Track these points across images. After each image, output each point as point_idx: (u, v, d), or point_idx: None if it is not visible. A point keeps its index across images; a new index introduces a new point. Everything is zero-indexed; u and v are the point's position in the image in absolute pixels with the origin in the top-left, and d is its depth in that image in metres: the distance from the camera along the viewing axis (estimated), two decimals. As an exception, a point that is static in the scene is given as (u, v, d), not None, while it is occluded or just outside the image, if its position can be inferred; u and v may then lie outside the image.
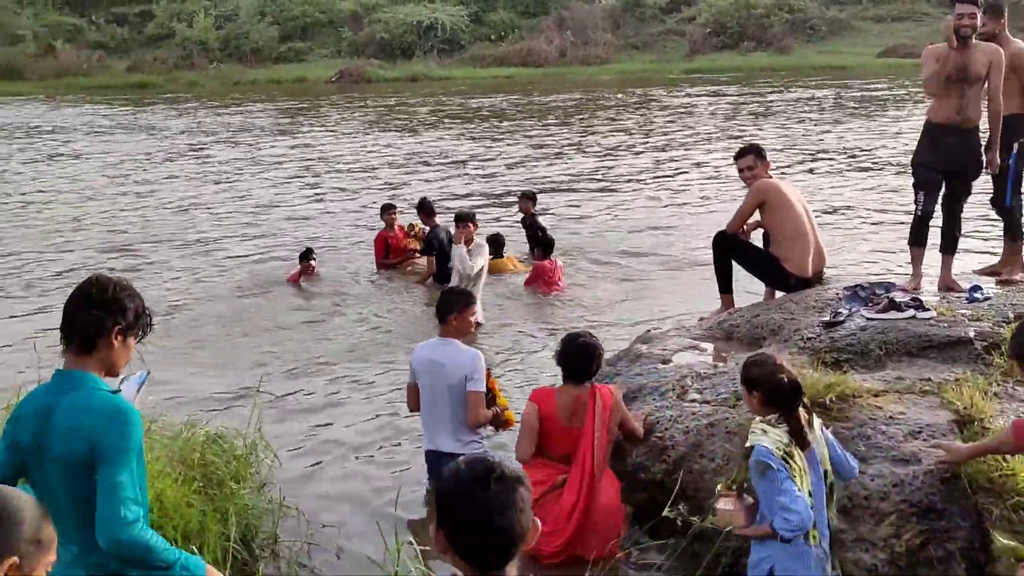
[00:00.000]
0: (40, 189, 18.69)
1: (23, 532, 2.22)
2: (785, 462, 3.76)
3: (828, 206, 14.01)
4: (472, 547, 2.16)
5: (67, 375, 3.09)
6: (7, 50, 50.10)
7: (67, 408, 3.01)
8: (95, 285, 3.13)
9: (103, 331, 3.08)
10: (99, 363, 3.11)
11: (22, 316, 10.17)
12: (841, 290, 6.58)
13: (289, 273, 11.42)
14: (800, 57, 44.62)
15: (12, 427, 3.12)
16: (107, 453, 2.95)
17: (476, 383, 5.63)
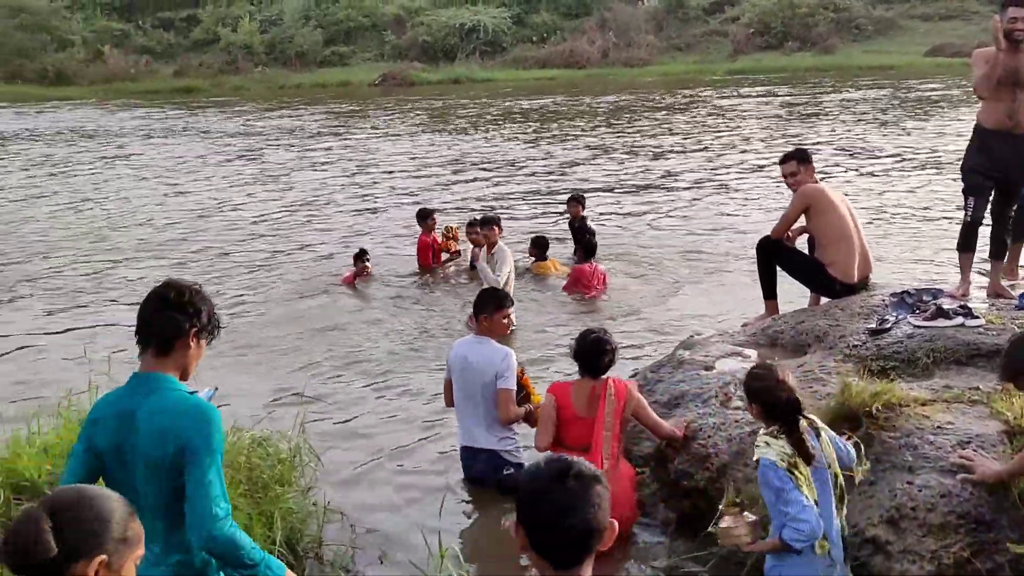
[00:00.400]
0: (96, 191, 18.94)
1: (112, 530, 2.25)
2: (790, 473, 3.79)
3: (876, 209, 13.83)
4: (549, 544, 2.21)
5: (146, 377, 3.17)
6: (57, 56, 50.94)
7: (151, 410, 3.09)
8: (172, 288, 3.22)
9: (181, 333, 3.17)
10: (175, 365, 3.20)
11: (77, 319, 10.35)
12: (888, 296, 6.51)
13: (343, 275, 11.52)
14: (845, 57, 44.07)
15: (90, 430, 3.19)
16: (196, 454, 3.04)
17: (506, 380, 5.82)
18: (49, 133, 29.92)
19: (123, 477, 3.11)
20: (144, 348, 3.21)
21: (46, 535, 2.13)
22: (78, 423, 5.68)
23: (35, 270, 12.61)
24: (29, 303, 11.03)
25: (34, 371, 8.67)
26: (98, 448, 3.15)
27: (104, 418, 3.17)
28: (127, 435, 3.10)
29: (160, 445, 3.05)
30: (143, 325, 3.21)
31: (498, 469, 5.94)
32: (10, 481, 5.22)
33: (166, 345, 3.18)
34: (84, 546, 2.19)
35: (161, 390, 3.13)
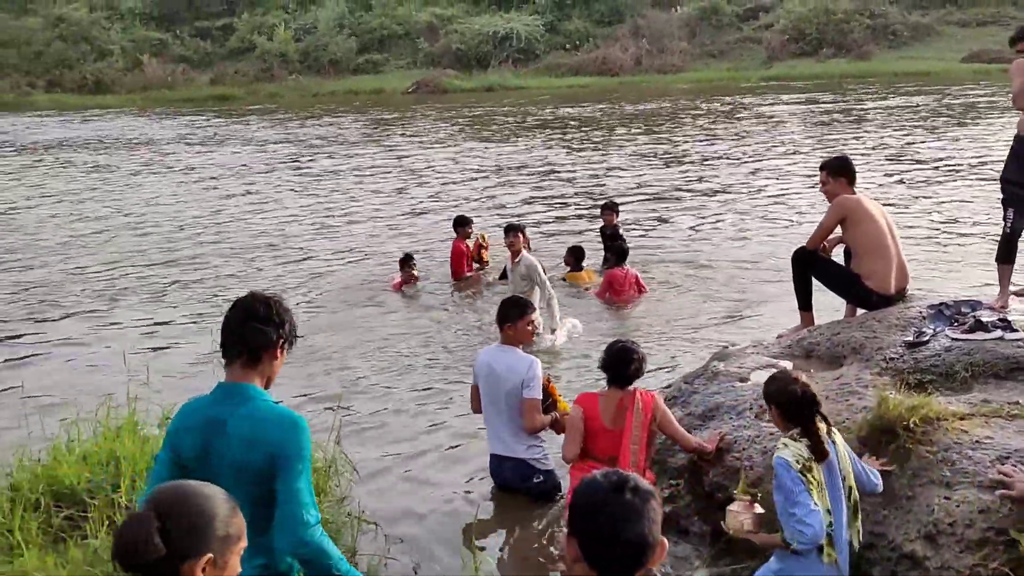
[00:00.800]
0: (143, 199, 19.22)
1: (216, 528, 2.29)
2: (803, 475, 3.85)
3: (915, 218, 13.73)
4: (604, 556, 2.25)
5: (234, 388, 3.25)
6: (96, 65, 51.62)
7: (242, 419, 3.18)
8: (259, 301, 3.32)
9: (269, 344, 3.27)
10: (261, 374, 3.30)
11: (118, 325, 10.49)
12: (925, 308, 6.44)
13: (392, 281, 11.67)
14: (881, 63, 43.72)
15: (175, 438, 3.27)
16: (288, 462, 3.12)
17: (532, 390, 5.89)
18: (94, 141, 30.33)
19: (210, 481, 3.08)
20: (232, 359, 3.29)
21: (155, 536, 2.19)
22: (116, 431, 5.78)
23: (81, 277, 12.81)
24: (73, 309, 11.20)
25: (74, 378, 8.79)
26: (184, 455, 3.23)
27: (191, 427, 3.25)
28: (216, 442, 3.18)
29: (251, 452, 3.13)
30: (231, 337, 3.29)
31: (527, 477, 6.01)
32: (51, 488, 5.30)
33: (255, 356, 3.27)
34: (192, 546, 2.25)
35: (251, 400, 3.22)
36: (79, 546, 4.79)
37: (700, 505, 5.31)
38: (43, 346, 9.84)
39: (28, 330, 10.45)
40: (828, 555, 3.88)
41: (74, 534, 4.99)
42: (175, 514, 2.24)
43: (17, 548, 4.73)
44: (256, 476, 3.14)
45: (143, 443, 5.73)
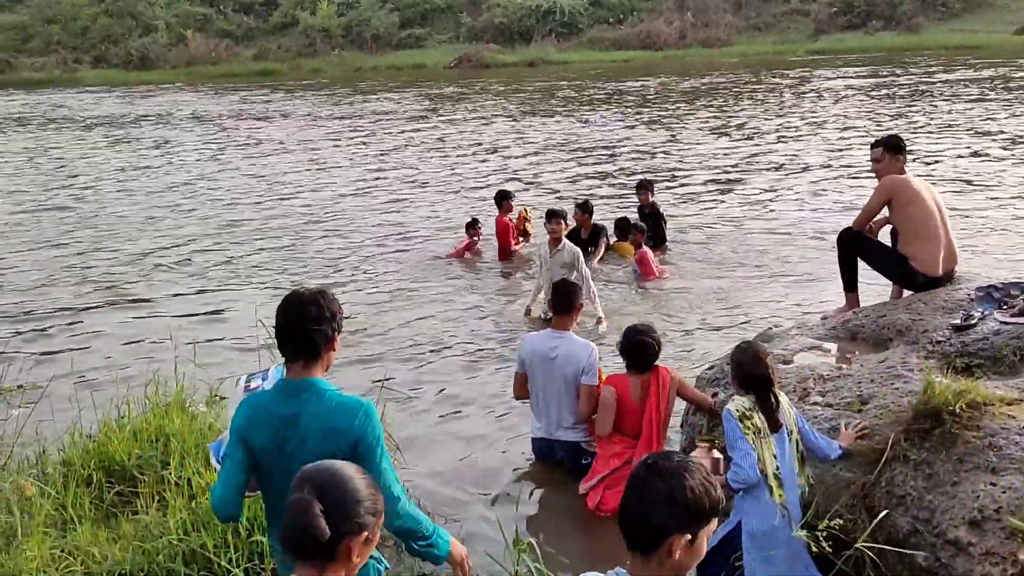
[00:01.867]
0: (207, 175, 19.44)
1: (365, 507, 2.39)
2: (741, 423, 4.37)
3: (965, 198, 13.51)
4: None
5: (300, 384, 3.35)
6: (141, 40, 52.10)
7: (314, 414, 3.30)
8: (310, 303, 3.38)
9: (327, 341, 3.38)
10: (323, 367, 3.42)
11: (170, 302, 10.67)
12: (973, 290, 6.34)
13: (457, 246, 11.99)
14: (931, 36, 42.91)
15: (245, 434, 3.38)
16: (368, 448, 3.28)
17: (590, 376, 6.00)
18: (153, 116, 30.64)
19: (282, 475, 3.24)
20: (293, 358, 3.37)
21: (319, 519, 2.29)
22: (164, 408, 5.88)
23: (136, 254, 13.00)
24: (125, 286, 11.40)
25: (123, 355, 8.95)
26: (255, 449, 3.36)
27: (262, 422, 3.35)
28: (291, 437, 3.30)
29: (330, 443, 3.24)
30: (289, 340, 3.37)
31: (577, 459, 6.14)
32: (102, 464, 5.41)
33: (315, 353, 3.37)
34: (350, 524, 2.37)
35: (321, 394, 3.33)
36: (130, 521, 4.88)
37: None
38: (94, 323, 10.02)
39: (80, 306, 10.63)
40: (778, 495, 4.34)
41: (125, 509, 5.10)
42: (332, 496, 2.33)
43: (71, 523, 4.84)
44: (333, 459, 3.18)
45: (191, 420, 5.83)
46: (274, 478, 3.35)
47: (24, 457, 5.65)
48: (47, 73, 48.52)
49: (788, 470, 4.44)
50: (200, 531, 4.60)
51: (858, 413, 5.09)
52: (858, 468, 4.77)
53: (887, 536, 4.41)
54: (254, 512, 4.67)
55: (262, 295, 10.59)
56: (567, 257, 9.13)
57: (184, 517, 4.66)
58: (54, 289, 11.31)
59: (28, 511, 4.90)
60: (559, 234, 9.28)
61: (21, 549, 4.51)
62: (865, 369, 5.61)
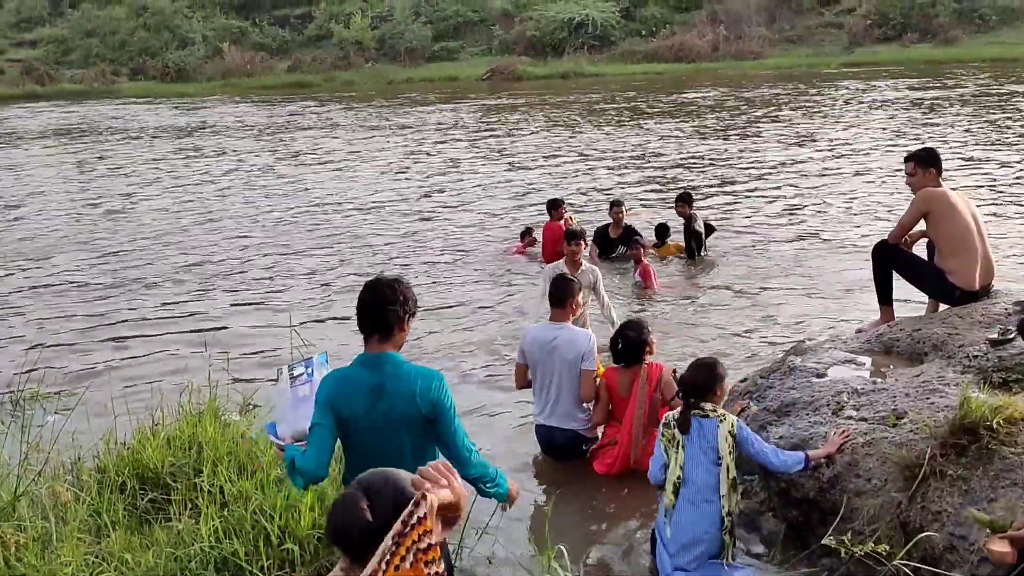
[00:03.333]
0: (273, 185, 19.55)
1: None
2: (663, 430, 4.96)
3: (1004, 212, 13.35)
4: None
5: (380, 357, 3.91)
6: (177, 53, 52.74)
7: (397, 380, 3.87)
8: (387, 286, 3.96)
9: (399, 320, 3.93)
10: (395, 344, 3.96)
11: (206, 311, 10.76)
12: (1011, 305, 6.27)
13: (511, 250, 12.67)
14: (968, 49, 42.47)
15: (334, 405, 3.88)
16: (444, 408, 3.87)
17: (590, 362, 6.35)
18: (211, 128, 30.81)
19: (368, 439, 3.88)
20: (370, 335, 3.94)
21: (365, 512, 2.36)
22: (198, 417, 5.93)
23: (179, 264, 13.14)
24: (160, 295, 11.51)
25: (158, 363, 9.04)
26: (343, 418, 3.89)
27: (350, 393, 3.89)
28: (378, 403, 3.85)
29: (412, 406, 3.83)
30: (367, 318, 3.94)
31: (576, 446, 6.49)
32: (136, 471, 5.46)
33: (389, 332, 3.92)
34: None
35: (399, 365, 3.91)
36: (163, 528, 4.92)
37: (774, 502, 5.27)
38: (131, 332, 10.13)
39: (118, 314, 10.75)
40: (668, 499, 4.83)
41: (158, 516, 5.14)
42: (379, 492, 2.42)
43: (105, 529, 4.89)
44: (419, 425, 3.85)
45: (224, 428, 5.87)
46: (363, 439, 3.90)
47: (60, 463, 5.71)
48: (86, 85, 49.17)
49: (696, 486, 4.79)
50: (232, 539, 4.63)
51: (893, 428, 5.04)
52: (894, 484, 4.72)
53: (923, 553, 4.36)
54: (285, 521, 4.69)
55: (297, 303, 10.68)
56: (590, 279, 8.57)
57: (216, 525, 4.69)
58: (92, 297, 11.44)
59: (63, 517, 4.95)
60: (579, 256, 8.67)
61: (56, 554, 4.56)
62: (900, 383, 5.56)
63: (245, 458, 5.56)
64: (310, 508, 4.75)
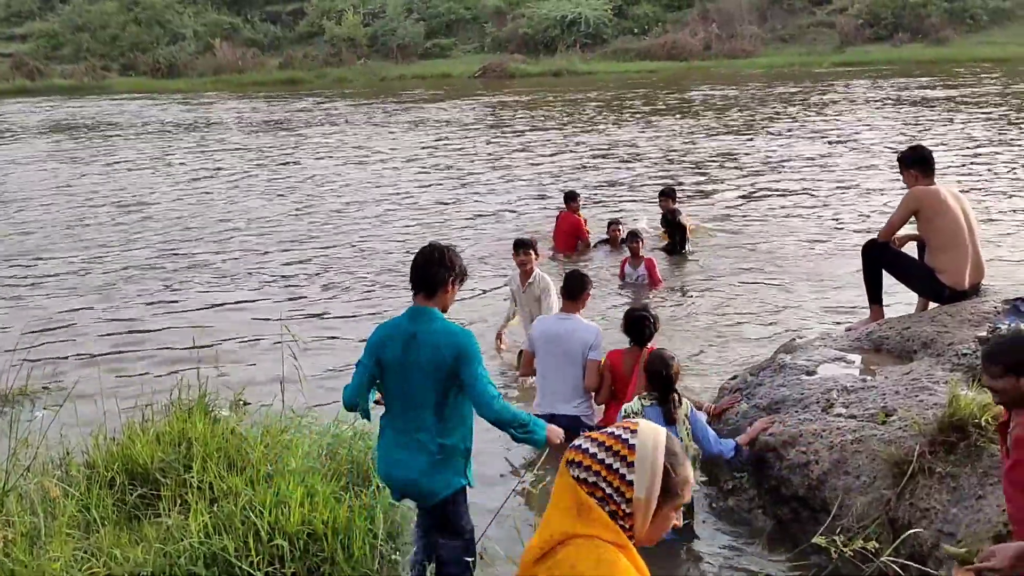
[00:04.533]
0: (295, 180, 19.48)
1: (683, 474, 2.31)
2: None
3: (994, 211, 13.38)
4: None
5: (422, 310, 4.37)
6: (169, 48, 52.56)
7: (429, 332, 4.30)
8: (436, 249, 4.41)
9: (443, 282, 4.36)
10: (439, 303, 4.39)
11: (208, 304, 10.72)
12: (1000, 303, 6.30)
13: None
14: (959, 49, 42.55)
15: (377, 348, 4.41)
16: (468, 357, 4.25)
17: (597, 353, 6.62)
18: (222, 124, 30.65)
19: (402, 382, 4.34)
20: (417, 291, 4.39)
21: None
22: (187, 413, 5.91)
23: (170, 257, 13.12)
24: (151, 291, 11.47)
25: (148, 359, 9.02)
26: (383, 360, 4.37)
27: (392, 337, 4.39)
28: (410, 350, 4.29)
29: (439, 354, 4.24)
30: (416, 276, 4.39)
31: (576, 431, 6.30)
32: (125, 467, 5.44)
33: (433, 290, 4.36)
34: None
35: (434, 319, 4.33)
36: (152, 524, 4.91)
37: (763, 499, 5.28)
38: (120, 327, 10.10)
39: (107, 310, 10.72)
40: None
41: (147, 512, 5.12)
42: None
43: (94, 524, 4.87)
44: (444, 371, 4.22)
45: (213, 424, 5.85)
46: (398, 380, 4.34)
47: (49, 459, 5.69)
48: (76, 80, 48.95)
49: None
50: (221, 534, 4.62)
51: (882, 425, 5.05)
52: (883, 481, 4.74)
53: (911, 550, 4.37)
54: (275, 517, 4.69)
55: (289, 300, 10.68)
56: (536, 291, 8.34)
57: (206, 520, 4.68)
58: (81, 292, 11.41)
59: (52, 512, 4.93)
60: (529, 266, 8.39)
61: (45, 550, 4.54)
62: (890, 381, 5.58)
63: (235, 454, 5.54)
64: (300, 504, 4.74)
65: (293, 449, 5.57)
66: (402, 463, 4.34)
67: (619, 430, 2.27)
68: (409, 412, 4.32)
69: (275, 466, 5.32)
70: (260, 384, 7.56)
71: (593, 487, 2.22)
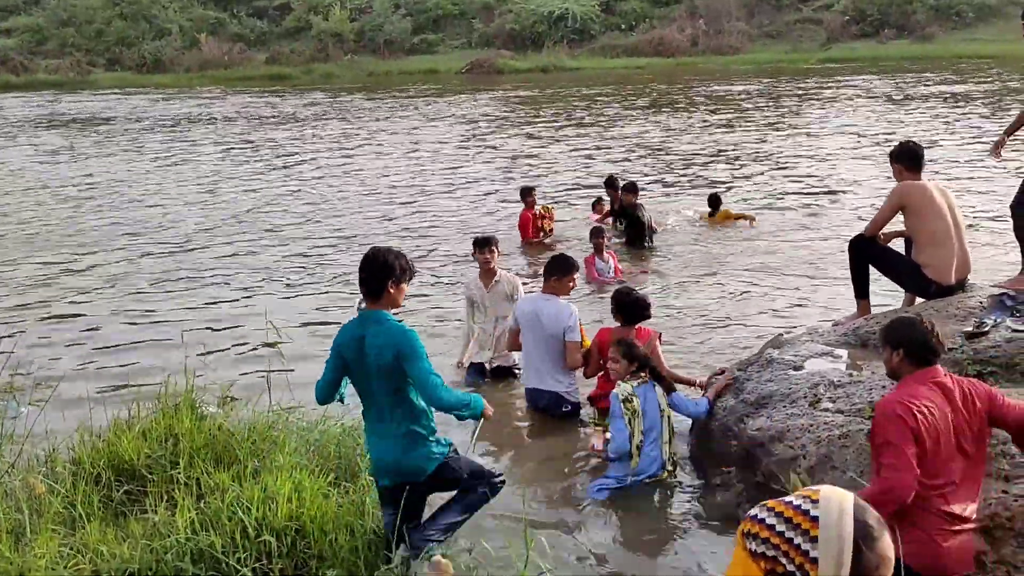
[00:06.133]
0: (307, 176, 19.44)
1: (879, 551, 2.01)
2: (623, 405, 5.70)
3: (981, 206, 13.43)
4: None
5: (369, 314, 4.72)
6: (154, 43, 52.31)
7: (374, 334, 4.64)
8: (378, 254, 4.69)
9: (385, 285, 4.67)
10: (384, 304, 4.72)
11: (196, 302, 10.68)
12: (986, 298, 6.33)
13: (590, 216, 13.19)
14: (944, 46, 42.73)
15: (339, 349, 4.78)
16: (409, 355, 4.58)
17: (573, 334, 6.93)
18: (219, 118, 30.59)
19: (362, 380, 4.75)
20: (365, 296, 4.73)
21: None
22: (174, 409, 5.89)
23: (155, 254, 13.05)
24: (141, 288, 11.43)
25: (135, 356, 8.97)
26: (345, 360, 4.76)
27: (348, 340, 4.74)
28: (362, 352, 4.67)
29: (383, 354, 4.60)
30: (362, 282, 4.71)
31: (558, 406, 7.05)
32: (111, 463, 5.41)
33: (377, 294, 4.69)
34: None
35: (380, 322, 4.68)
36: (139, 520, 4.88)
37: (752, 494, 5.28)
38: (106, 324, 10.05)
39: (93, 306, 10.67)
40: (634, 461, 5.68)
41: (134, 508, 5.10)
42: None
43: (79, 521, 4.84)
44: (390, 371, 4.60)
45: (200, 420, 5.83)
46: (358, 378, 4.77)
47: (34, 455, 5.65)
48: (61, 75, 48.71)
49: (650, 441, 5.76)
50: (208, 531, 4.60)
51: (869, 420, 5.06)
52: (869, 476, 4.75)
53: (897, 543, 4.39)
54: (263, 513, 4.67)
55: (275, 297, 10.64)
56: (507, 288, 8.05)
57: (192, 516, 4.65)
58: (66, 288, 11.35)
59: (37, 509, 4.90)
60: (491, 265, 8.05)
61: (30, 547, 4.51)
62: (876, 376, 5.59)
63: (222, 450, 5.53)
64: (287, 500, 4.72)
65: (280, 445, 5.55)
66: (382, 450, 4.79)
67: (799, 499, 2.03)
68: (374, 406, 4.77)
69: (262, 462, 5.30)
70: (247, 381, 7.54)
71: (773, 562, 1.99)
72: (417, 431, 4.75)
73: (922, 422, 3.94)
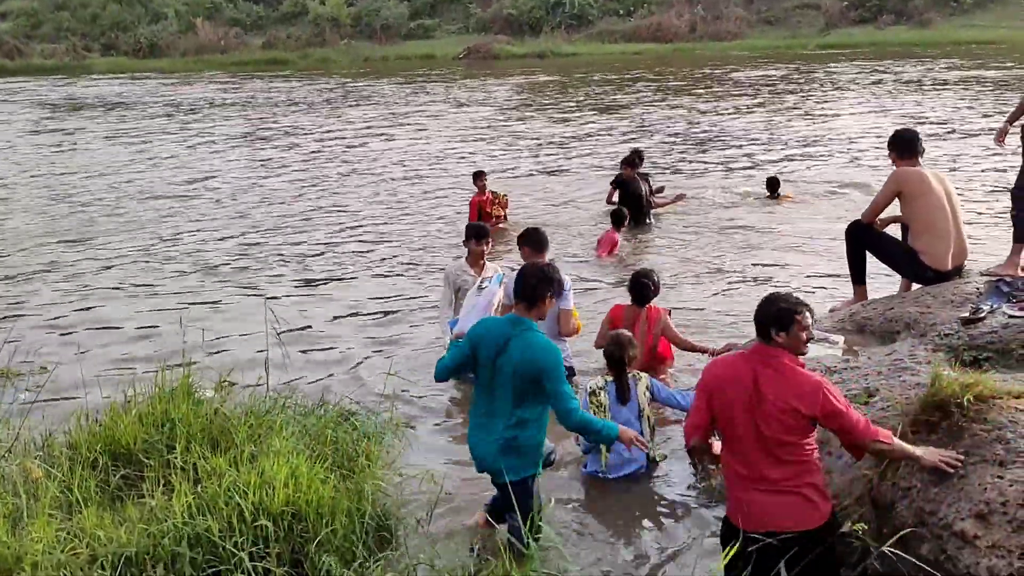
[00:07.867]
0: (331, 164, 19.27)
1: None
2: (590, 399, 5.98)
3: (977, 193, 13.43)
4: None
5: (518, 320, 4.88)
6: (150, 28, 52.07)
7: (521, 340, 4.79)
8: (546, 268, 4.97)
9: (542, 297, 4.87)
10: (535, 314, 4.91)
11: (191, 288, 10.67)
12: (982, 284, 6.33)
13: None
14: (943, 32, 42.63)
15: (475, 341, 4.94)
16: (553, 373, 4.74)
17: (566, 301, 6.89)
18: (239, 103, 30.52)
19: (489, 376, 4.87)
20: (519, 301, 4.89)
21: None
22: (171, 394, 5.89)
23: (154, 240, 13.02)
24: (135, 275, 11.41)
25: (132, 341, 8.96)
26: (477, 353, 4.90)
27: (490, 335, 4.90)
28: (503, 351, 4.81)
29: (525, 364, 4.74)
30: (521, 287, 4.88)
31: None
32: (108, 448, 5.42)
33: (533, 303, 4.87)
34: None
35: (529, 330, 4.83)
36: (136, 504, 4.89)
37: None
38: (102, 308, 10.04)
39: (89, 291, 10.66)
40: (603, 456, 5.89)
41: (131, 493, 5.10)
42: None
43: (76, 505, 4.85)
44: (526, 378, 4.74)
45: (196, 405, 5.83)
46: (485, 373, 4.88)
47: (30, 440, 5.66)
48: (57, 60, 48.52)
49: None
50: (205, 515, 4.60)
51: (864, 405, 5.07)
52: (865, 460, 4.76)
53: (892, 528, 4.40)
54: (259, 497, 4.68)
55: (275, 282, 10.64)
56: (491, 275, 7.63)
57: (189, 501, 4.66)
58: (62, 273, 11.33)
59: (34, 493, 4.91)
60: (481, 256, 7.85)
61: (27, 531, 4.52)
62: (872, 361, 5.60)
63: (219, 435, 5.53)
64: (284, 485, 4.73)
65: (278, 430, 5.56)
66: (479, 443, 4.94)
67: None
68: (491, 402, 4.87)
69: (259, 447, 5.30)
70: (245, 366, 7.54)
71: None
72: (519, 442, 4.84)
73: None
